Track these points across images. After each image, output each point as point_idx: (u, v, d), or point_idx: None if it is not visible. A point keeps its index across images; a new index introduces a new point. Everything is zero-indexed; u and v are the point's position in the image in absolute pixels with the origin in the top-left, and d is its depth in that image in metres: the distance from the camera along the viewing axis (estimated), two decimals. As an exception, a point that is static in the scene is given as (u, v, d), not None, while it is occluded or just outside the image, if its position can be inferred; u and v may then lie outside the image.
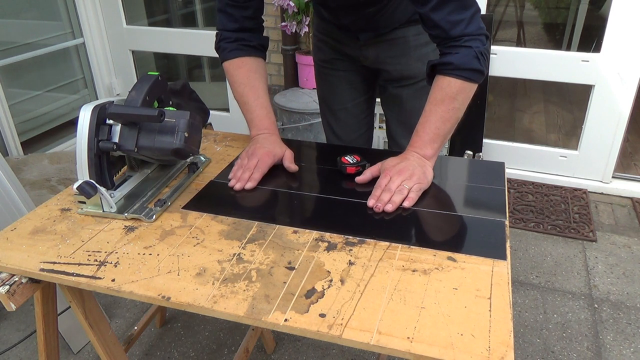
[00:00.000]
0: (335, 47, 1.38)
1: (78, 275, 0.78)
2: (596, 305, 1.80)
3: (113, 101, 0.92)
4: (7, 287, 0.80)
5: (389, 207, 0.93)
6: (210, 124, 1.36)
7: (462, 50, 0.99)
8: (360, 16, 1.22)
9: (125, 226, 0.90)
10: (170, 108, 1.01)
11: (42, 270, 0.80)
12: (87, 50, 3.04)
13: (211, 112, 1.27)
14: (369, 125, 1.53)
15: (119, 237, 0.87)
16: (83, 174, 0.90)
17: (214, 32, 1.20)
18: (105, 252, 0.83)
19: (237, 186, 1.03)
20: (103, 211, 0.93)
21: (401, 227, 0.89)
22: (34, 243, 0.86)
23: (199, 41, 2.97)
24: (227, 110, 3.10)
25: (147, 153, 0.94)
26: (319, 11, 1.37)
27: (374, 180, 1.02)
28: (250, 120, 1.17)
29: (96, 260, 0.81)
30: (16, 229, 0.91)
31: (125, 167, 1.05)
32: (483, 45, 1.01)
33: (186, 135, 0.91)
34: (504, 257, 0.80)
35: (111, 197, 0.93)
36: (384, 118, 1.47)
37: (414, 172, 0.97)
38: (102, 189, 0.90)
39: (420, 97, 1.34)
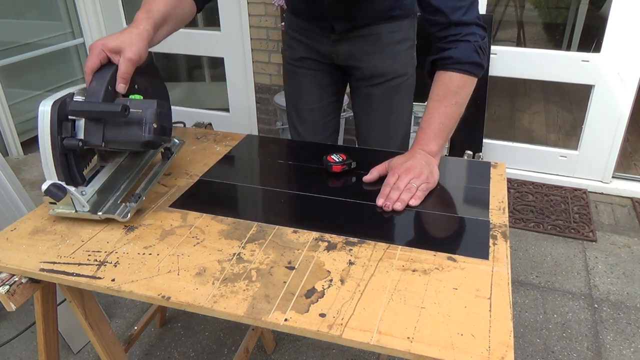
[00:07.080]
0: (307, 44, 1.35)
1: (78, 275, 0.78)
2: (596, 305, 1.80)
3: (73, 93, 0.86)
4: (7, 287, 0.80)
5: (398, 206, 0.92)
6: (210, 123, 1.36)
7: (460, 45, 1.00)
8: None
9: (125, 226, 0.90)
10: (136, 96, 0.90)
11: (42, 270, 0.80)
12: (87, 50, 3.04)
13: (211, 112, 1.26)
14: (335, 128, 1.50)
15: (118, 236, 0.87)
16: (50, 174, 0.84)
17: (214, 32, 1.20)
18: (105, 252, 0.83)
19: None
20: (75, 211, 0.88)
21: (400, 228, 0.89)
22: (34, 243, 0.86)
23: (199, 41, 2.96)
24: (227, 110, 3.10)
25: (116, 146, 0.89)
26: (292, 5, 1.36)
27: (377, 181, 1.02)
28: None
29: (96, 260, 0.81)
30: (16, 229, 0.90)
31: (96, 155, 0.98)
32: (482, 39, 1.02)
33: (155, 126, 0.85)
34: (486, 257, 0.79)
35: (82, 194, 0.87)
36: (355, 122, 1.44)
37: (422, 171, 0.97)
38: (72, 189, 0.85)
39: (391, 97, 1.33)
